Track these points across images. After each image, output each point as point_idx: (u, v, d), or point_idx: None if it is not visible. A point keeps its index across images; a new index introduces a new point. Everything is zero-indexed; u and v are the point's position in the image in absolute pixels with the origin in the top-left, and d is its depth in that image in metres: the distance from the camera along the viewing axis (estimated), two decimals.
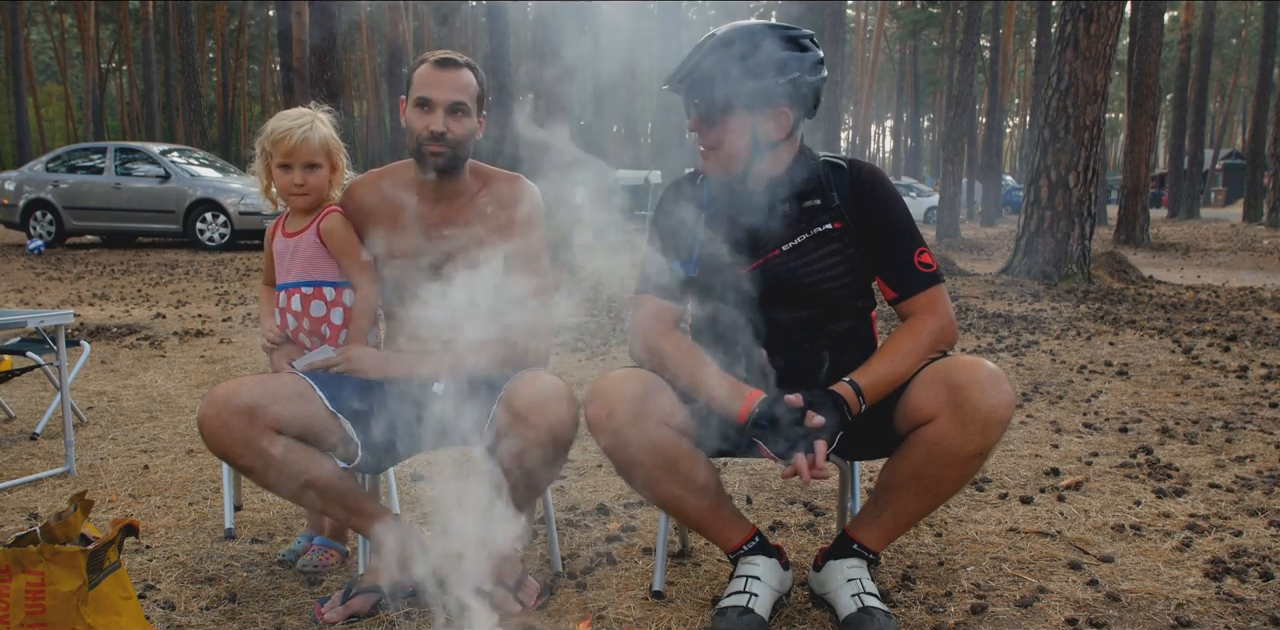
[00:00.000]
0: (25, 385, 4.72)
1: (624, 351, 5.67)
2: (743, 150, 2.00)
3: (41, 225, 13.91)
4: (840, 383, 1.92)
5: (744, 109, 1.96)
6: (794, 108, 1.99)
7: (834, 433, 1.88)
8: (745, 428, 1.91)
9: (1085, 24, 9.11)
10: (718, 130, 2.00)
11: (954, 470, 1.91)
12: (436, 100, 2.13)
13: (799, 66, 1.95)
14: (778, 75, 1.93)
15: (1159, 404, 4.25)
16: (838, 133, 13.85)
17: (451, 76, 2.15)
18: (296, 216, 2.31)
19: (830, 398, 1.88)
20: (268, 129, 2.24)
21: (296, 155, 2.21)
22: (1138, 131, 17.11)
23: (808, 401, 1.87)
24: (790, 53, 1.95)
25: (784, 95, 1.96)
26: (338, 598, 2.11)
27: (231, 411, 1.95)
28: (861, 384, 1.92)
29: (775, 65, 1.93)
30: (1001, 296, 8.51)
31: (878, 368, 1.95)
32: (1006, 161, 51.71)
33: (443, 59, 2.16)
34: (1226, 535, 2.57)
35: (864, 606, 1.95)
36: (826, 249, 2.05)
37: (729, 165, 2.03)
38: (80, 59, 41.84)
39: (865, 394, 1.91)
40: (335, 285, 2.26)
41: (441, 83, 2.14)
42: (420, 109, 2.14)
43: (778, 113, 1.98)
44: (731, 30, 1.98)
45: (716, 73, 1.93)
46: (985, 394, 1.83)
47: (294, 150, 2.20)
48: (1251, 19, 46.18)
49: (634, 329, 2.11)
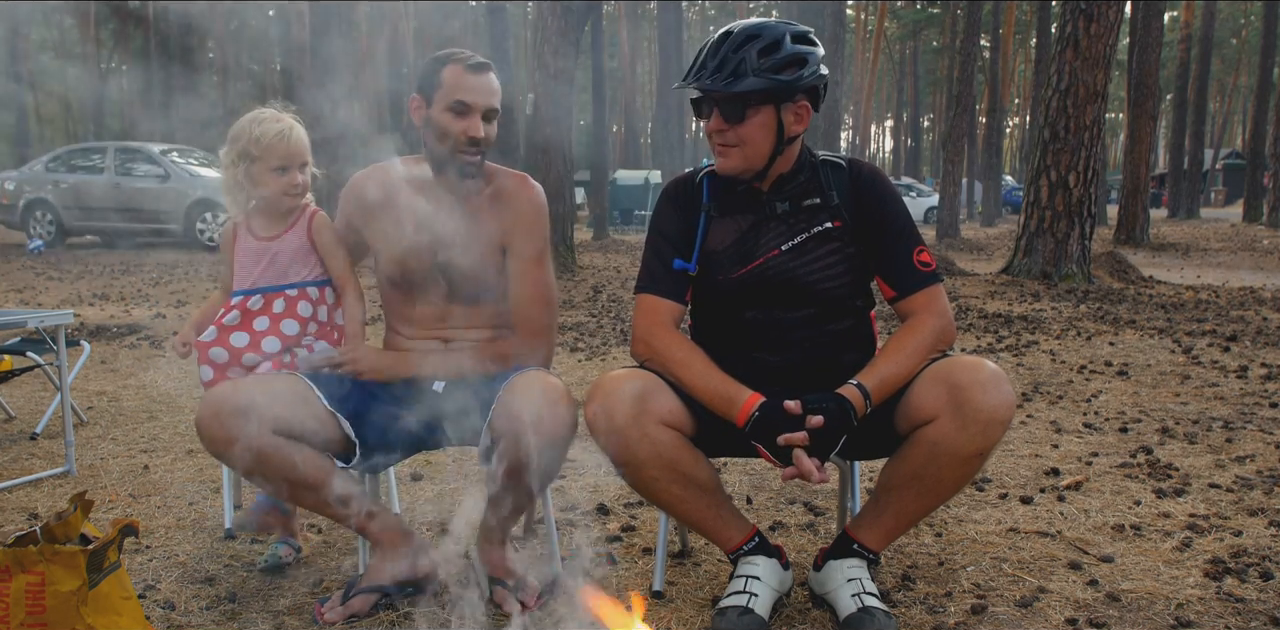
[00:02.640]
0: (25, 385, 4.72)
1: (624, 351, 5.67)
2: (767, 146, 2.01)
3: (41, 225, 13.91)
4: (846, 385, 1.92)
5: (770, 104, 1.97)
6: (810, 102, 2.02)
7: (838, 439, 1.88)
8: (744, 431, 1.91)
9: (1085, 24, 9.11)
10: (744, 127, 1.99)
11: (955, 470, 1.91)
12: (476, 105, 2.11)
13: (816, 61, 1.98)
14: (801, 69, 1.95)
15: (1159, 404, 4.25)
16: (838, 133, 13.85)
17: (486, 80, 2.13)
18: (266, 220, 2.27)
19: (836, 401, 1.88)
20: (253, 134, 2.19)
21: (294, 156, 2.19)
22: (1138, 131, 17.10)
23: (807, 409, 1.86)
24: (805, 48, 1.97)
25: (803, 90, 1.98)
26: (338, 597, 2.11)
27: (229, 412, 1.95)
28: (868, 386, 1.91)
29: (799, 59, 1.95)
30: (1001, 296, 8.51)
31: (883, 368, 1.95)
32: (1006, 161, 51.72)
33: (477, 63, 2.13)
34: (1226, 535, 2.57)
35: (864, 606, 1.95)
36: (826, 248, 2.06)
37: (753, 162, 2.02)
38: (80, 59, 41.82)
39: (872, 396, 1.91)
40: (319, 284, 2.25)
41: (479, 88, 2.11)
42: (456, 114, 2.11)
43: (798, 107, 2.00)
44: (753, 26, 1.99)
45: (747, 67, 1.93)
46: (987, 394, 1.84)
47: (290, 152, 2.18)
48: (1251, 19, 46.18)
49: (635, 329, 2.11)
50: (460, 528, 2.67)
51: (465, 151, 2.13)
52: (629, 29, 46.59)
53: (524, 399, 2.00)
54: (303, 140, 2.22)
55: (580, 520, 2.79)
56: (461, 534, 2.61)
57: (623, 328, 6.66)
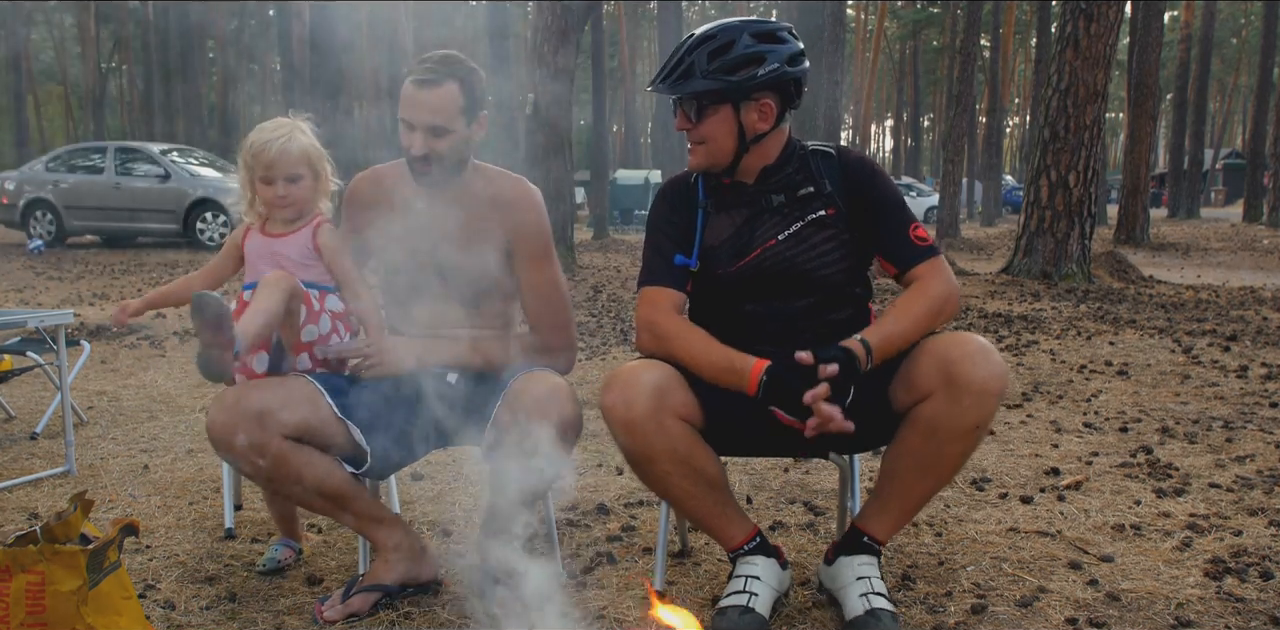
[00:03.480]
0: (25, 385, 4.72)
1: (624, 351, 5.67)
2: (729, 143, 2.04)
3: (41, 225, 13.91)
4: (850, 339, 1.93)
5: (726, 103, 2.01)
6: (776, 99, 2.04)
7: (847, 387, 1.89)
8: (757, 396, 1.91)
9: (1085, 24, 9.11)
10: (703, 126, 2.04)
11: (954, 446, 1.93)
12: (415, 123, 2.10)
13: (777, 58, 1.99)
14: (757, 68, 1.98)
15: (1159, 404, 4.25)
16: (838, 133, 13.83)
17: (429, 96, 2.08)
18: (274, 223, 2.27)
19: (842, 351, 1.89)
20: (247, 142, 2.19)
21: (277, 168, 2.16)
22: (1138, 131, 17.10)
23: (819, 358, 1.87)
24: (767, 46, 1.99)
25: (764, 87, 2.01)
26: (338, 597, 2.11)
27: (242, 416, 1.94)
28: (871, 341, 1.92)
29: (754, 58, 1.98)
30: (1001, 296, 8.51)
31: (888, 326, 1.96)
32: (1006, 161, 51.69)
33: (421, 78, 2.09)
34: (1226, 535, 2.57)
35: (871, 608, 1.95)
36: (822, 235, 2.08)
37: (717, 158, 2.07)
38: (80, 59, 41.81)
39: (875, 352, 1.92)
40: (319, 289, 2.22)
41: (419, 104, 2.09)
42: (404, 128, 2.13)
43: (760, 105, 2.02)
44: (709, 28, 2.04)
45: (696, 69, 1.99)
46: (976, 367, 1.87)
47: (274, 163, 2.15)
48: (1251, 19, 46.15)
49: (638, 318, 2.12)
50: (460, 527, 2.67)
51: (414, 164, 2.14)
52: (629, 29, 46.59)
53: (529, 398, 2.00)
54: (291, 152, 2.16)
55: (580, 520, 2.79)
56: (462, 534, 2.61)
57: (623, 328, 6.66)
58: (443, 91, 2.08)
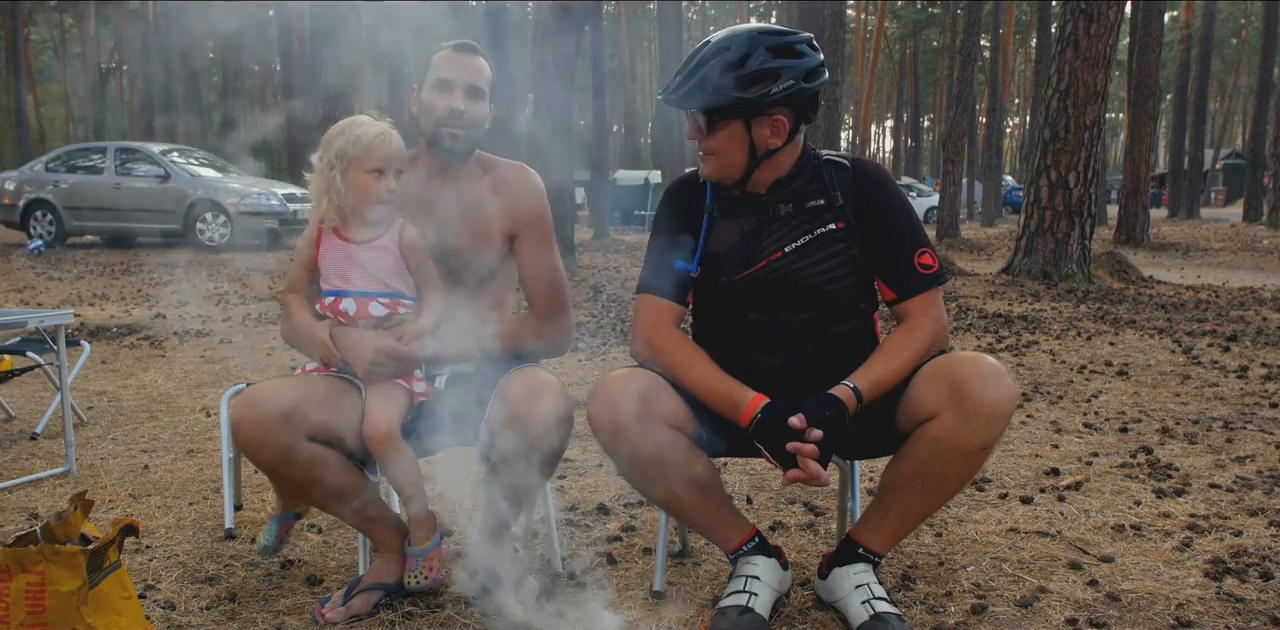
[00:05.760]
0: (25, 385, 4.72)
1: (624, 351, 5.67)
2: (740, 157, 2.00)
3: (41, 225, 13.91)
4: (840, 386, 1.92)
5: (738, 118, 1.96)
6: (790, 114, 1.98)
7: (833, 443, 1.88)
8: (748, 432, 1.91)
9: (1085, 24, 9.11)
10: (714, 139, 1.99)
11: (958, 466, 1.91)
12: (456, 80, 2.16)
13: (792, 74, 1.92)
14: (771, 84, 1.91)
15: (1159, 404, 4.25)
16: (838, 133, 13.84)
17: (470, 60, 2.20)
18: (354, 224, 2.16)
19: (832, 404, 1.88)
20: (353, 134, 2.10)
21: (392, 160, 2.11)
22: (1138, 131, 17.11)
23: (810, 421, 1.86)
24: (783, 61, 1.92)
25: (778, 104, 1.94)
26: (338, 597, 2.11)
27: (269, 415, 1.94)
28: (861, 387, 1.91)
29: (768, 75, 1.91)
30: (1002, 296, 8.51)
31: (876, 370, 1.95)
32: (1006, 161, 51.70)
33: (462, 43, 2.21)
34: (1227, 535, 2.57)
35: (875, 613, 1.94)
36: (830, 250, 2.05)
37: (728, 171, 2.03)
38: (80, 59, 41.81)
39: (864, 397, 1.91)
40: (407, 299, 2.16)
41: (461, 64, 2.18)
42: (439, 90, 2.16)
43: (773, 120, 1.97)
44: (725, 38, 1.95)
45: (708, 83, 1.91)
46: (987, 388, 1.84)
47: (391, 155, 2.11)
48: (1251, 19, 46.17)
49: (635, 328, 2.11)
50: (460, 528, 2.67)
51: (448, 124, 2.15)
52: (629, 29, 46.60)
53: (524, 392, 2.00)
54: (401, 146, 2.14)
55: (580, 520, 2.79)
56: (462, 534, 2.61)
57: (623, 328, 6.66)
58: (480, 61, 2.21)
